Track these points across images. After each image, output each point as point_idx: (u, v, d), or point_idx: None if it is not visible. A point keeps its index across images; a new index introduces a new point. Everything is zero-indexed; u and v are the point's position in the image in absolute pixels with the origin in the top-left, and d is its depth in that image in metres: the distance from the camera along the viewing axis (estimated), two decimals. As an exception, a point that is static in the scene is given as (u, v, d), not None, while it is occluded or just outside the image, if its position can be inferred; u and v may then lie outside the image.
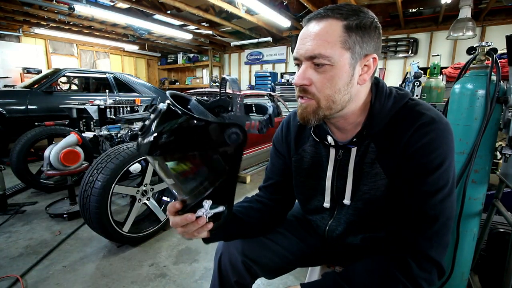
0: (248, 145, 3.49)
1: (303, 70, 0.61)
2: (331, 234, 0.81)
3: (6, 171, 2.50)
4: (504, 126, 1.07)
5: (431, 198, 0.58)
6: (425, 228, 0.59)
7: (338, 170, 0.72)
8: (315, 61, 0.59)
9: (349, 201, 0.71)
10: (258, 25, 5.94)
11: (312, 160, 0.78)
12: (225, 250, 0.85)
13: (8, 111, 3.70)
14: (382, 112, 0.65)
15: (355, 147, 0.69)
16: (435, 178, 0.58)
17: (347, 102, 0.63)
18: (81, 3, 4.38)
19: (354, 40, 0.59)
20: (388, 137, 0.64)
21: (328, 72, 0.59)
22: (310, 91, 0.62)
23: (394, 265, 0.59)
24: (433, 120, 0.60)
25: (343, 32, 0.58)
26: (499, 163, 1.74)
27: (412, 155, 0.60)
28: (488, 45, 1.11)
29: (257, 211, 0.83)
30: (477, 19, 4.78)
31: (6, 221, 2.21)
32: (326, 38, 0.58)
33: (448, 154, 0.59)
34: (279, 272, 0.90)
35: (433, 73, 2.79)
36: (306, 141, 0.79)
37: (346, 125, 0.68)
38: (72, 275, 1.60)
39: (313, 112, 0.63)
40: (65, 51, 7.43)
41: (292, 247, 0.88)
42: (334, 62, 0.58)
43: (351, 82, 0.61)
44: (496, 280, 1.19)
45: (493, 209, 1.20)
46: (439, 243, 0.59)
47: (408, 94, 0.68)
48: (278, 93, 6.45)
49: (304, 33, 0.61)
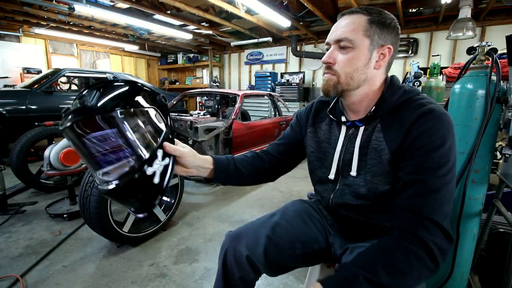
0: (248, 145, 3.50)
1: (331, 51, 0.76)
2: (336, 201, 0.86)
3: (6, 171, 2.50)
4: (504, 126, 1.07)
5: (434, 172, 0.65)
6: (429, 198, 0.64)
7: (347, 146, 0.83)
8: (341, 44, 0.73)
9: (355, 172, 0.80)
10: (258, 25, 5.93)
11: (324, 136, 0.90)
12: (230, 246, 0.88)
13: (8, 111, 3.70)
14: (391, 98, 0.76)
15: (363, 126, 0.80)
16: (438, 155, 0.66)
17: (362, 81, 0.75)
18: (81, 3, 4.38)
19: (374, 31, 0.73)
20: (393, 120, 0.74)
21: (350, 53, 0.73)
22: (333, 68, 0.75)
23: (400, 234, 0.65)
24: (433, 110, 0.69)
25: (366, 23, 0.72)
26: (499, 163, 1.75)
27: (416, 138, 0.68)
28: (488, 45, 1.11)
29: (252, 165, 0.95)
30: (477, 19, 4.78)
31: (6, 221, 2.21)
32: (352, 27, 0.73)
33: (447, 137, 0.67)
34: (282, 269, 0.91)
35: (433, 73, 2.79)
36: (322, 120, 0.93)
37: (360, 107, 0.80)
38: (72, 275, 1.60)
39: (333, 86, 0.76)
40: (65, 51, 7.43)
41: (296, 245, 0.89)
42: (356, 45, 0.72)
43: (368, 65, 0.74)
44: (496, 280, 1.20)
45: (493, 209, 1.20)
46: (441, 210, 0.64)
47: (417, 91, 0.77)
48: (278, 93, 6.45)
49: (336, 24, 0.77)
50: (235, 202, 2.76)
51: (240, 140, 3.31)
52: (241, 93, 3.54)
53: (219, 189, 3.14)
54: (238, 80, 8.92)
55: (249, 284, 0.90)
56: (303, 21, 5.96)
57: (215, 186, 3.23)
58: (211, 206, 2.66)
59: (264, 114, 6.19)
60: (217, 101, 4.79)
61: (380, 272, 0.59)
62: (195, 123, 2.86)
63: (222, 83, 9.16)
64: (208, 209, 2.59)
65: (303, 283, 1.54)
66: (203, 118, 3.25)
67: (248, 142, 3.49)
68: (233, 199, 2.85)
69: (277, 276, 0.96)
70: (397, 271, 0.60)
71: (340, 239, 0.90)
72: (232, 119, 3.20)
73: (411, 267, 0.60)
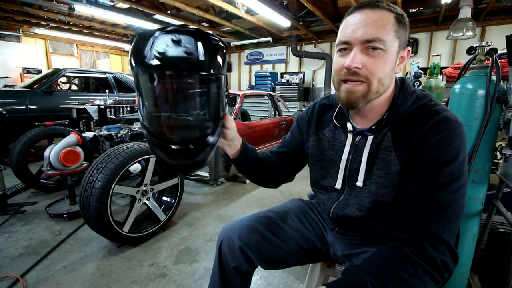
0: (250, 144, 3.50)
1: (355, 54, 0.64)
2: (337, 213, 0.84)
3: (6, 171, 2.50)
4: (504, 126, 1.07)
5: (445, 187, 0.61)
6: (438, 214, 0.61)
7: (353, 155, 0.78)
8: (371, 44, 0.62)
9: (361, 183, 0.75)
10: (258, 25, 5.94)
11: (328, 143, 0.85)
12: (225, 237, 0.89)
13: (8, 111, 3.70)
14: (403, 105, 0.70)
15: (372, 135, 0.74)
16: (450, 169, 0.61)
17: (388, 87, 0.69)
18: (81, 3, 4.38)
19: (402, 31, 0.65)
20: (404, 128, 0.68)
21: (381, 56, 0.63)
22: (361, 74, 0.64)
23: (409, 248, 0.61)
24: (449, 119, 0.64)
25: (395, 22, 0.64)
26: (499, 163, 1.75)
27: (428, 148, 0.63)
28: (488, 45, 1.11)
29: (268, 163, 0.95)
30: (477, 19, 4.78)
31: (6, 221, 2.21)
32: (384, 25, 0.63)
33: (461, 150, 0.62)
34: (275, 264, 0.91)
35: (433, 73, 2.79)
36: (326, 126, 0.86)
37: (370, 113, 0.73)
38: (72, 275, 1.60)
39: (363, 96, 0.66)
40: (65, 51, 7.44)
41: (289, 242, 0.90)
42: (387, 48, 0.63)
43: (394, 69, 0.67)
44: (496, 280, 1.20)
45: (493, 209, 1.20)
46: (450, 227, 0.61)
47: (429, 96, 0.72)
48: (278, 93, 6.45)
49: (357, 19, 0.64)
50: (235, 202, 2.76)
51: (240, 140, 3.31)
52: (241, 93, 3.54)
53: (219, 189, 3.14)
54: (238, 80, 8.93)
55: (244, 275, 0.88)
56: (303, 21, 5.97)
57: (215, 186, 3.23)
58: (211, 206, 2.66)
59: (264, 114, 6.19)
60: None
61: (388, 284, 0.58)
62: (195, 123, 2.85)
63: (222, 83, 9.15)
64: (208, 209, 2.59)
65: (303, 283, 1.54)
66: (203, 118, 3.24)
67: (248, 142, 3.48)
68: (233, 199, 2.85)
69: (277, 276, 0.96)
70: (405, 285, 0.59)
71: (341, 241, 0.90)
72: (232, 119, 3.20)
73: (419, 282, 0.59)
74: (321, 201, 0.91)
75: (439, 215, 0.61)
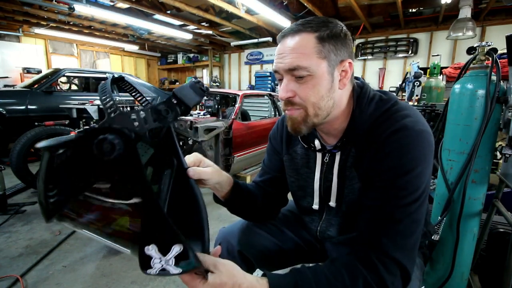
0: (248, 145, 3.50)
1: (286, 84, 0.63)
2: (323, 235, 0.82)
3: (6, 171, 2.49)
4: (504, 126, 1.07)
5: (398, 201, 0.58)
6: (390, 229, 0.58)
7: (325, 173, 0.74)
8: (295, 73, 0.61)
9: (334, 203, 0.73)
10: (258, 25, 5.94)
11: (302, 161, 0.80)
12: (224, 240, 0.89)
13: (8, 111, 3.69)
14: (362, 118, 0.66)
15: (339, 152, 0.70)
16: (404, 182, 0.58)
17: (331, 108, 0.65)
18: (81, 3, 4.38)
19: (328, 49, 0.61)
20: (366, 142, 0.65)
21: (310, 81, 0.61)
22: (296, 102, 0.64)
23: (363, 265, 0.57)
24: (406, 127, 0.59)
25: (316, 43, 0.60)
26: (499, 163, 1.75)
27: (382, 159, 0.60)
28: (488, 45, 1.11)
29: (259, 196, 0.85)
30: (477, 19, 4.78)
31: (6, 221, 2.21)
32: (302, 51, 0.60)
33: (421, 160, 0.58)
34: (274, 264, 0.92)
35: (433, 73, 2.79)
36: (298, 143, 0.81)
37: (331, 130, 0.71)
38: (72, 275, 1.60)
39: (303, 121, 0.65)
40: (65, 51, 7.44)
41: (287, 241, 0.91)
42: (313, 72, 0.60)
43: (332, 88, 0.63)
44: (496, 280, 1.19)
45: (493, 209, 1.20)
46: (403, 245, 0.58)
47: (392, 99, 0.67)
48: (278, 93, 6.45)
49: (281, 48, 0.63)
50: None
51: (240, 140, 3.31)
52: (241, 93, 3.54)
53: (219, 189, 3.13)
54: (238, 80, 8.92)
55: None
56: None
57: (215, 186, 3.23)
58: (211, 206, 2.65)
59: (264, 114, 6.19)
60: (217, 101, 4.79)
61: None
62: (195, 123, 2.85)
63: (222, 83, 9.16)
64: (208, 209, 2.58)
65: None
66: (203, 118, 3.24)
67: (248, 142, 3.49)
68: (233, 199, 2.85)
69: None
70: None
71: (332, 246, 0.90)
72: (232, 119, 3.20)
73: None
74: (306, 223, 0.87)
75: (391, 231, 0.58)
